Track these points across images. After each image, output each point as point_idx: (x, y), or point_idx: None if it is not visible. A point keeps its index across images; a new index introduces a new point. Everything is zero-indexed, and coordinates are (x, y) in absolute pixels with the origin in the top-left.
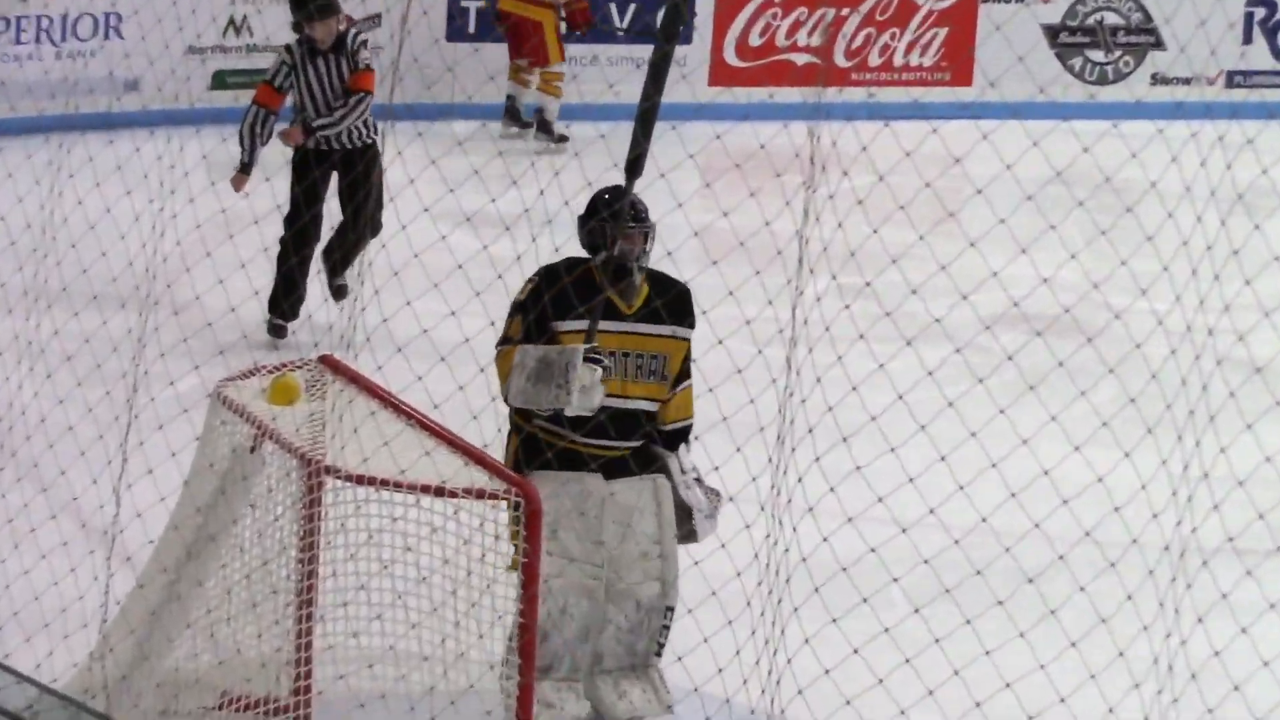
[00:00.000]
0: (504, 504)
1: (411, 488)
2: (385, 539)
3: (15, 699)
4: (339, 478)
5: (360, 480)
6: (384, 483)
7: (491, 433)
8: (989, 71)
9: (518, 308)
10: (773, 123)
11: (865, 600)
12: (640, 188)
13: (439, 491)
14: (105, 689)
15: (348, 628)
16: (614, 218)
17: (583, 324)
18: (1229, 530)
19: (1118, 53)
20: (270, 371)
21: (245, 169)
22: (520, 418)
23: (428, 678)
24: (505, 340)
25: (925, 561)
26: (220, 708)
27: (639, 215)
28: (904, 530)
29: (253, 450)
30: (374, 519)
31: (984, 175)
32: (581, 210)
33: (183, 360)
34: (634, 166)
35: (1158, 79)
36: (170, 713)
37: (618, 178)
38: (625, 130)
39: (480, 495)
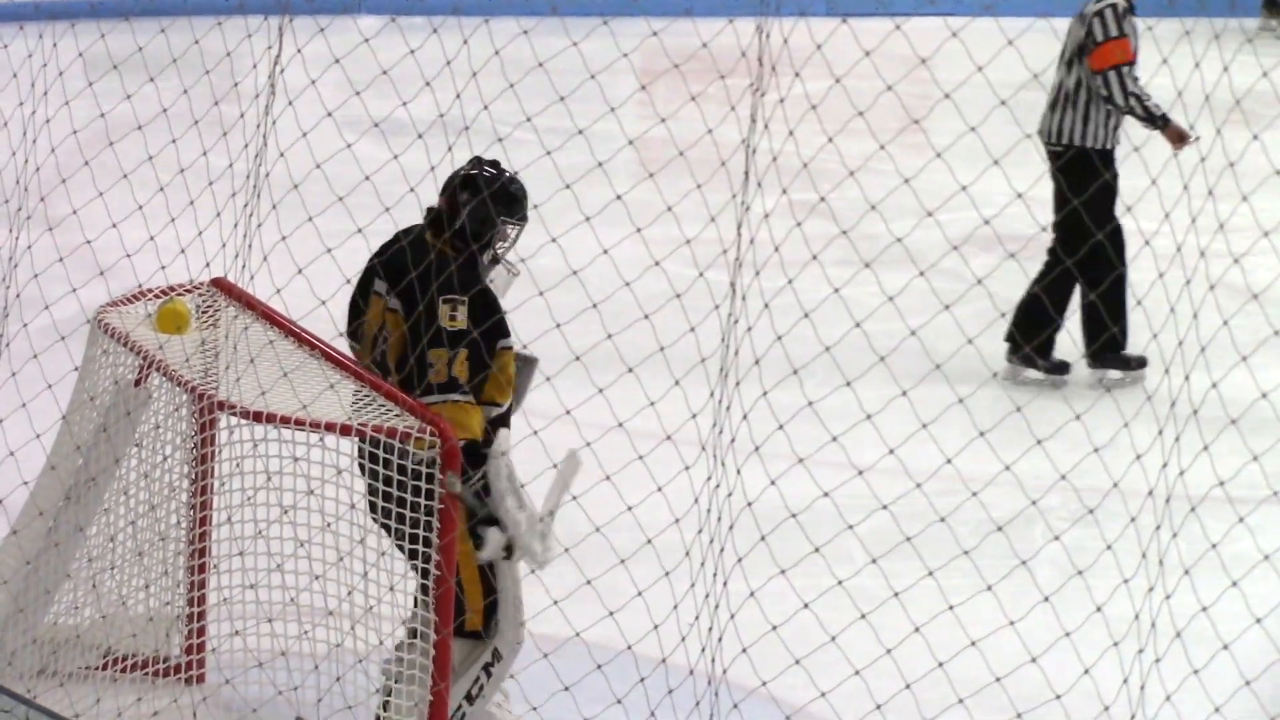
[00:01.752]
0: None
1: (315, 425)
2: (286, 482)
3: None
4: (234, 414)
5: (258, 417)
6: (284, 420)
7: None
8: None
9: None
10: (717, 19)
11: (818, 550)
12: (567, 89)
13: (345, 430)
14: None
15: (244, 579)
16: (514, 214)
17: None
18: (1220, 474)
19: None
20: (157, 296)
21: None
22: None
23: (333, 634)
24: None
25: (884, 508)
26: (104, 667)
27: (524, 211)
28: (861, 474)
29: (138, 383)
30: (273, 460)
31: (953, 79)
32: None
33: (59, 283)
34: None
35: None
36: (48, 672)
37: (538, 78)
38: (550, 26)
39: (392, 434)
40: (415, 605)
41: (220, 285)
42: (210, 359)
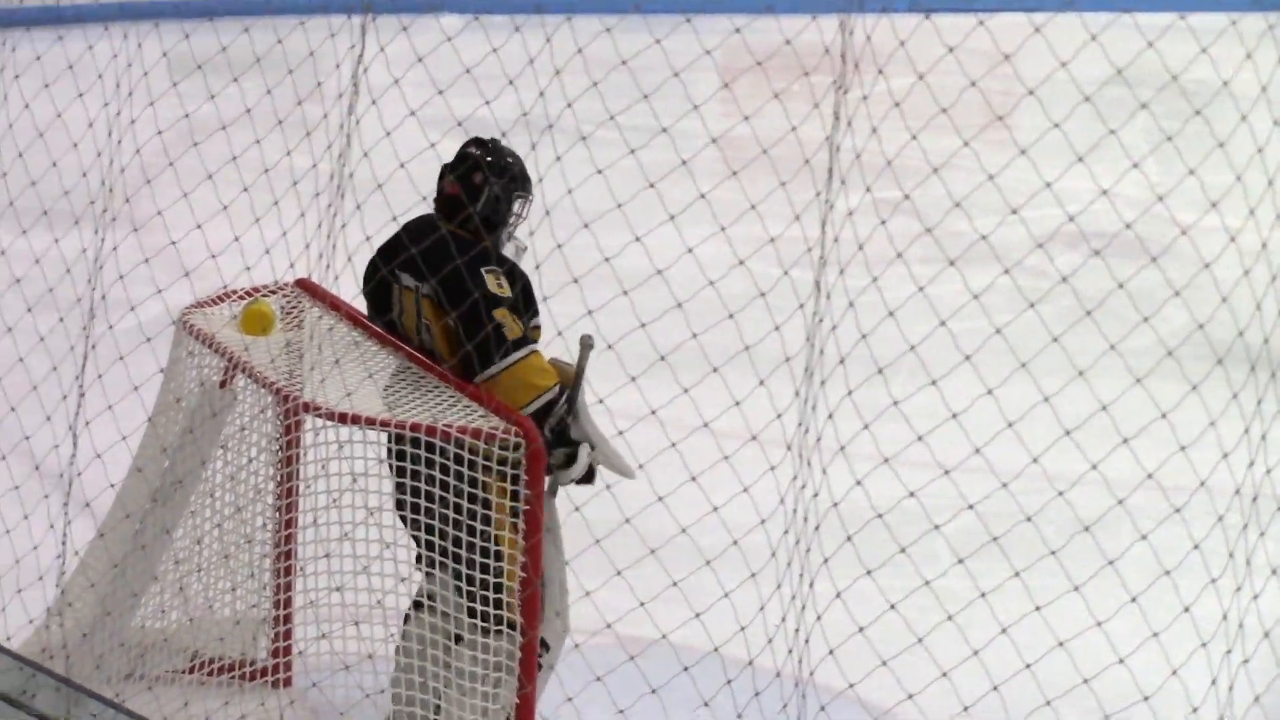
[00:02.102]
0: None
1: (400, 427)
2: (371, 484)
3: None
4: (319, 416)
5: (343, 419)
6: (369, 421)
7: None
8: None
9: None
10: (800, 15)
11: (904, 551)
12: (650, 86)
13: (430, 431)
14: (64, 649)
15: (330, 582)
16: (526, 190)
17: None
18: None
19: None
20: (242, 297)
21: None
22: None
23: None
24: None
25: (970, 508)
26: (191, 671)
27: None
28: (947, 473)
29: (223, 385)
30: (358, 461)
31: (1036, 74)
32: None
33: (145, 284)
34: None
35: None
36: (136, 676)
37: (621, 76)
38: (632, 24)
39: (477, 435)
40: (427, 604)
41: (304, 286)
42: (295, 360)
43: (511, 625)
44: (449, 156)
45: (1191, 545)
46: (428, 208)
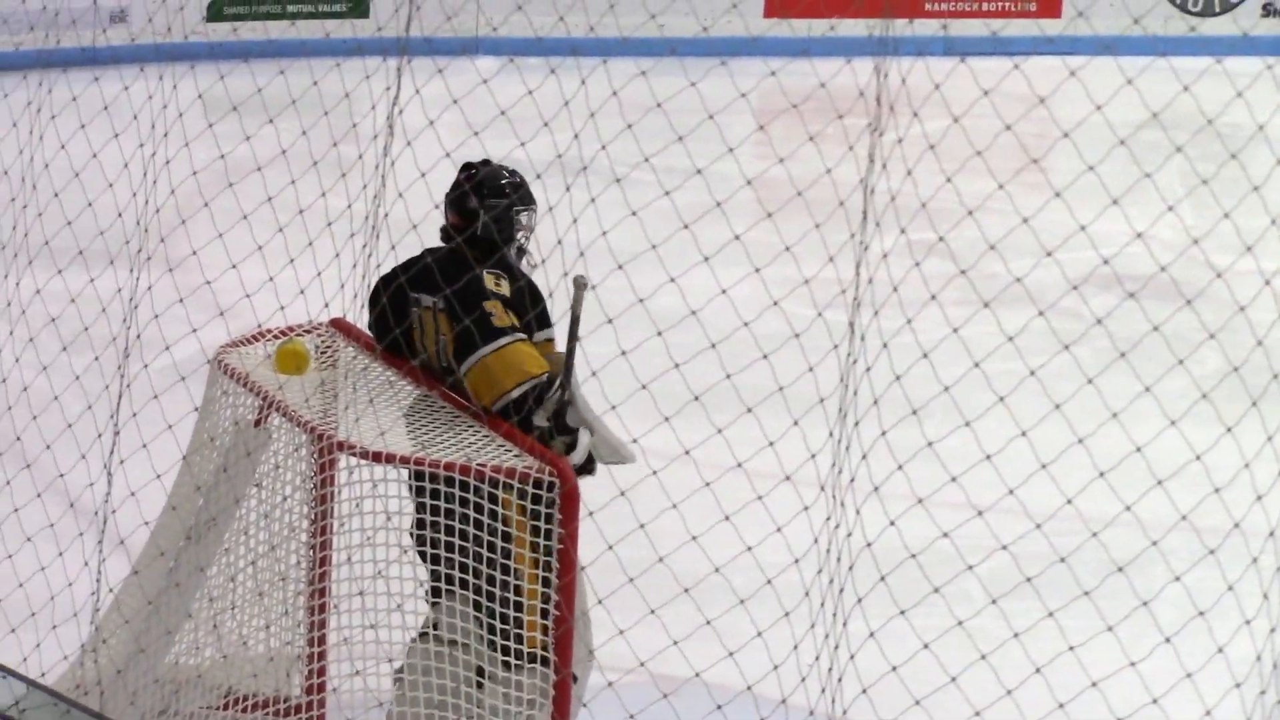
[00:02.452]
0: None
1: (434, 465)
2: (404, 522)
3: (2, 696)
4: (353, 454)
5: (377, 457)
6: (403, 460)
7: None
8: (1079, 1)
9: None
10: (834, 58)
11: (937, 590)
12: (685, 128)
13: (464, 470)
14: (99, 685)
15: (364, 619)
16: (527, 201)
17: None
18: None
19: None
20: (276, 336)
21: None
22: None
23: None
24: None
25: (1004, 548)
26: (225, 707)
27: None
28: (980, 514)
29: (258, 423)
30: (392, 500)
31: (1072, 117)
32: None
33: (180, 323)
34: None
35: (1269, 10)
36: (170, 712)
37: (655, 118)
38: (668, 66)
39: (511, 474)
40: (430, 632)
41: (339, 325)
42: (329, 399)
43: (536, 660)
44: None
45: (1225, 587)
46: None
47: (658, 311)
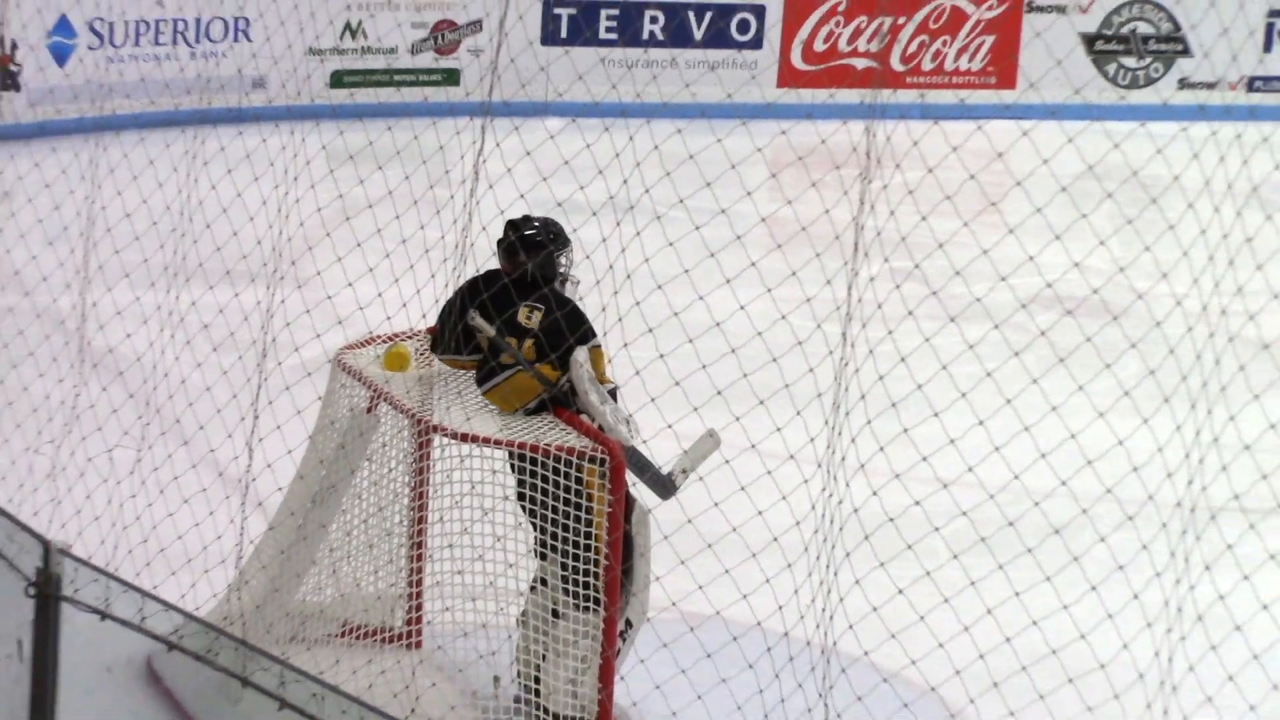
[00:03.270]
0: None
1: (509, 444)
2: (486, 489)
3: (163, 624)
4: (445, 435)
5: (464, 438)
6: (485, 440)
7: None
8: (1030, 75)
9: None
10: (833, 121)
11: (910, 547)
12: (712, 176)
13: (534, 449)
14: (241, 617)
15: (453, 566)
16: (563, 246)
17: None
18: (1235, 489)
19: (1148, 59)
20: (384, 341)
21: None
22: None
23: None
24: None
25: (963, 514)
26: (342, 635)
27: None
28: (945, 486)
29: (369, 410)
30: (476, 472)
31: (1023, 169)
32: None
33: (306, 330)
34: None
35: (1184, 83)
36: (298, 639)
37: (689, 168)
38: (699, 126)
39: (571, 452)
40: (540, 584)
41: (434, 333)
42: (426, 391)
43: (602, 604)
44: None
45: (1140, 546)
46: None
47: (689, 323)
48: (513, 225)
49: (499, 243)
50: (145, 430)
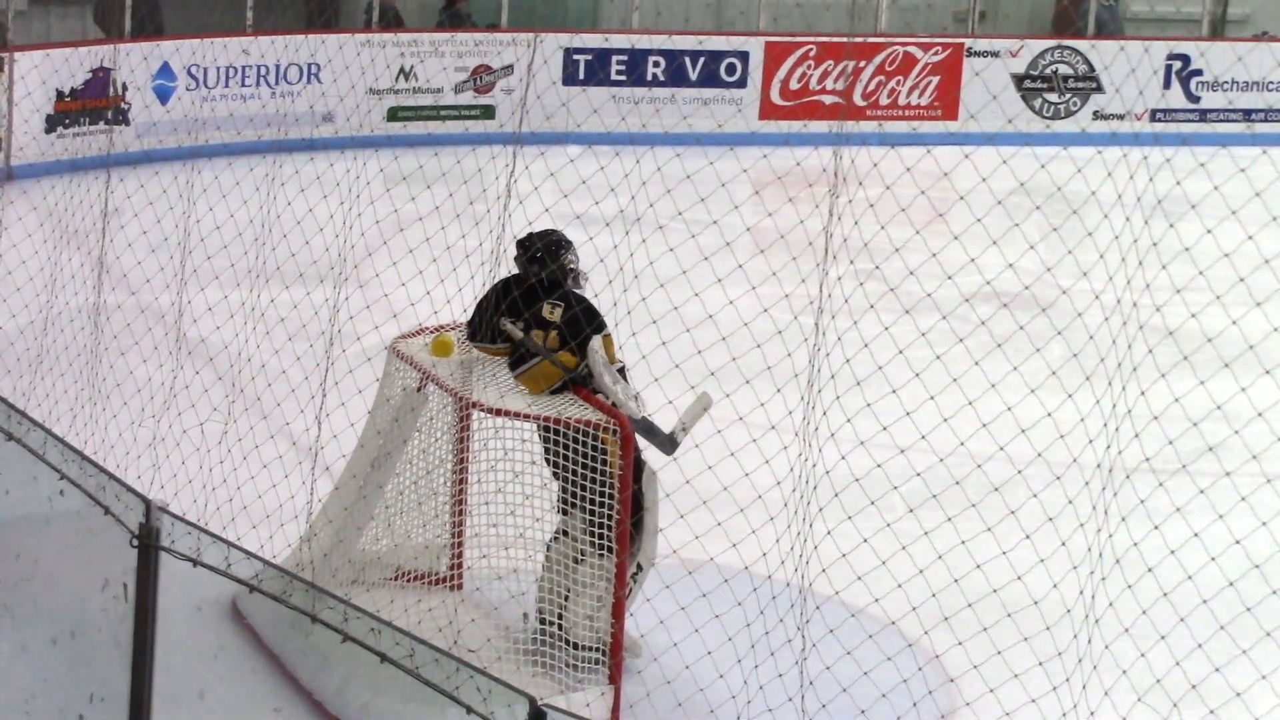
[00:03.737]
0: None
1: (537, 418)
2: (517, 455)
3: (245, 571)
4: (482, 410)
5: (498, 412)
6: (516, 414)
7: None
8: (970, 108)
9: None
10: (806, 147)
11: (873, 503)
12: (706, 193)
13: (558, 421)
14: (311, 564)
15: (489, 520)
16: (569, 251)
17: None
18: (1146, 453)
19: (1068, 95)
20: (432, 331)
21: None
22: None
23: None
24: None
25: (918, 475)
26: (395, 579)
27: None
28: (902, 451)
29: (419, 390)
30: (508, 441)
31: (966, 186)
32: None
33: (366, 323)
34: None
35: (1098, 115)
36: (359, 582)
37: (686, 186)
38: (694, 152)
39: (588, 424)
40: (562, 535)
41: (470, 324)
42: (467, 374)
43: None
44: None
45: (1067, 501)
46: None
47: (686, 315)
48: (521, 244)
49: (516, 259)
50: (231, 407)
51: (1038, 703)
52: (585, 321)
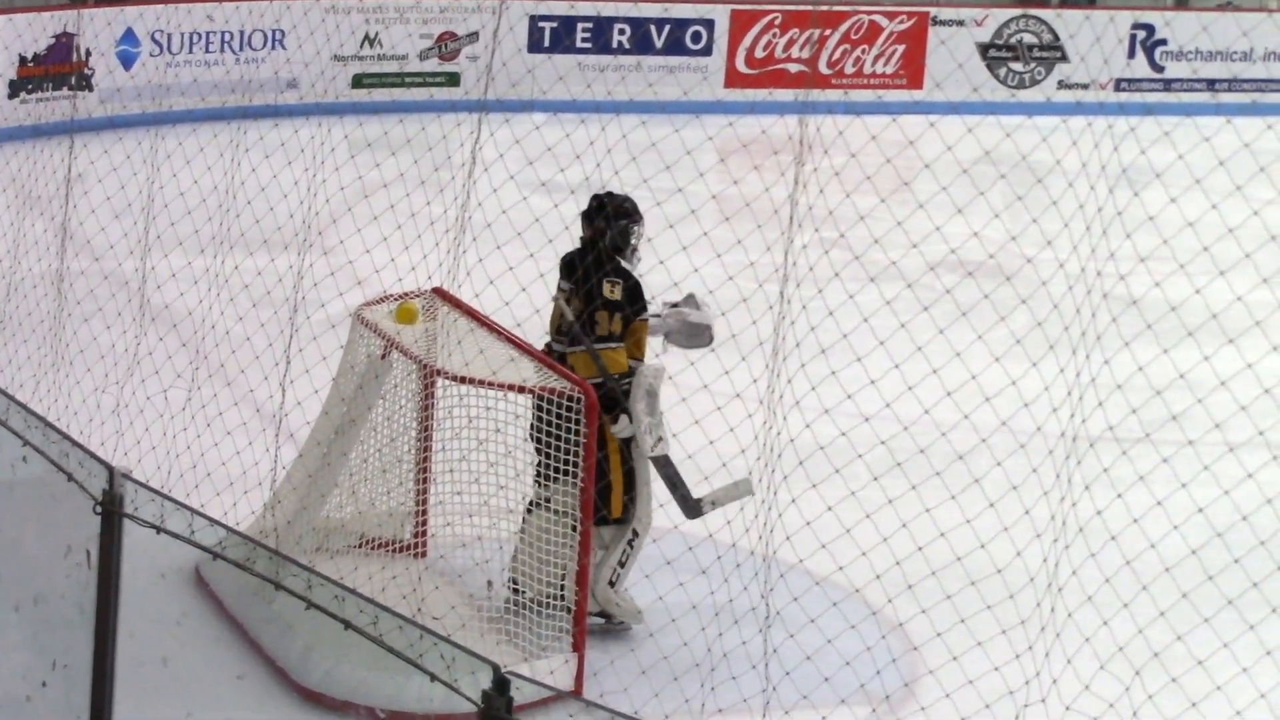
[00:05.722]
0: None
1: (500, 386)
2: (480, 423)
3: (209, 538)
4: (446, 378)
5: (462, 380)
6: (480, 382)
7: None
8: (936, 76)
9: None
10: (771, 115)
11: (838, 471)
12: (671, 160)
13: (521, 389)
14: (275, 531)
15: (453, 488)
16: (638, 219)
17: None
18: (1109, 421)
19: (1033, 64)
20: (397, 299)
21: None
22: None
23: (512, 525)
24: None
25: (882, 443)
26: (359, 546)
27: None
28: (867, 420)
29: (383, 357)
30: (472, 409)
31: (931, 155)
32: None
33: (330, 289)
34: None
35: (1063, 84)
36: (323, 549)
37: (651, 154)
38: (659, 120)
39: (551, 392)
40: (536, 506)
41: (438, 293)
42: (432, 341)
43: (609, 521)
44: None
45: (1031, 469)
46: (520, 244)
47: (652, 284)
48: (596, 197)
49: (582, 214)
50: (194, 374)
51: (1001, 670)
52: (628, 302)
